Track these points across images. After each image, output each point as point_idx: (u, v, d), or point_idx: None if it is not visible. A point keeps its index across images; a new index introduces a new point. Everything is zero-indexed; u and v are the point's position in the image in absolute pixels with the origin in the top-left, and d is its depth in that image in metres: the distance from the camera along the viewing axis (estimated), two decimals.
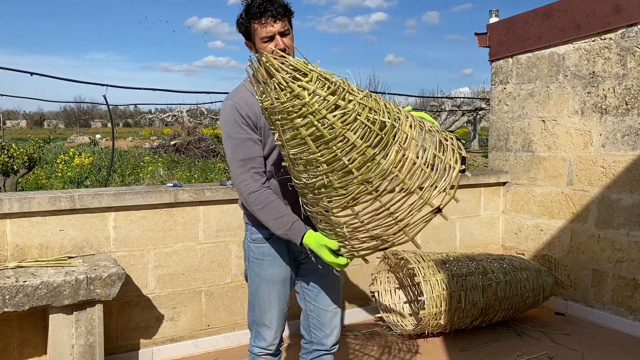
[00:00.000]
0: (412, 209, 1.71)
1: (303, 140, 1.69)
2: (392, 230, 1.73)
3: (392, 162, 1.67)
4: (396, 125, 1.71)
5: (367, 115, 1.68)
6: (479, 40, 4.83)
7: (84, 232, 3.13)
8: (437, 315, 3.47)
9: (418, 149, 1.71)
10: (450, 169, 1.72)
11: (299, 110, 1.66)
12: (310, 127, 1.66)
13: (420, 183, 1.69)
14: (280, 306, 2.24)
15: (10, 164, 7.84)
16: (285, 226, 2.02)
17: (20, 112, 61.86)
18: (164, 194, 3.30)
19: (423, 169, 1.69)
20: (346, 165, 1.68)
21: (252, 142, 2.06)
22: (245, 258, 2.29)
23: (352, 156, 1.67)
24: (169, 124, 29.77)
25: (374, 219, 1.74)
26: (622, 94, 3.78)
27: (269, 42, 2.03)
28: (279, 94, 1.68)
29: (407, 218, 1.71)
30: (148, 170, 11.72)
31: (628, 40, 3.72)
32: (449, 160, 1.74)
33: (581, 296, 4.12)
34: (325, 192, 1.76)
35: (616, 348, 3.53)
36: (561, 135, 4.19)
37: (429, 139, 1.76)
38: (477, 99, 19.39)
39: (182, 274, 3.41)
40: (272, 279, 2.20)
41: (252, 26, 2.04)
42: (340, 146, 1.66)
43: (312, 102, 1.64)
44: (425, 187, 1.69)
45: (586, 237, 4.06)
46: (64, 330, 2.70)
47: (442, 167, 1.72)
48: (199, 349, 3.47)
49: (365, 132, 1.67)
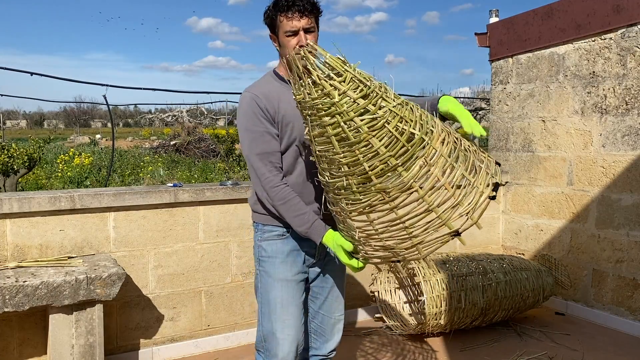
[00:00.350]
0: (429, 227, 1.65)
1: (328, 139, 1.68)
2: (405, 244, 1.69)
3: (413, 175, 1.63)
4: (425, 139, 1.66)
5: (396, 124, 1.64)
6: (479, 40, 4.83)
7: (84, 232, 3.13)
8: (437, 315, 3.47)
9: (446, 166, 1.64)
10: (478, 193, 1.65)
11: (327, 108, 1.65)
12: (336, 127, 1.65)
13: (441, 202, 1.63)
14: (296, 312, 2.11)
15: (10, 164, 7.84)
16: (306, 224, 1.99)
17: (20, 112, 61.84)
18: (164, 194, 3.30)
19: (447, 188, 1.63)
20: (366, 171, 1.65)
21: (270, 137, 2.02)
22: (256, 261, 2.20)
23: (373, 163, 1.64)
24: (169, 124, 29.76)
25: (388, 230, 1.70)
26: (622, 94, 3.78)
27: (292, 37, 1.99)
28: (311, 90, 1.67)
29: (422, 235, 1.66)
30: (148, 170, 11.71)
31: (628, 40, 3.71)
32: (478, 184, 1.66)
33: (581, 296, 4.12)
34: (344, 194, 1.74)
35: (616, 348, 3.53)
36: (561, 135, 4.18)
37: (462, 159, 1.69)
38: (477, 99, 19.39)
39: (182, 274, 3.41)
40: (286, 277, 2.11)
41: (277, 19, 2.00)
42: (363, 151, 1.64)
43: (341, 102, 1.63)
44: (446, 208, 1.62)
45: (586, 237, 4.06)
46: (64, 330, 2.69)
47: (469, 190, 1.65)
48: (199, 349, 3.47)
49: (392, 141, 1.63)
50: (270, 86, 2.07)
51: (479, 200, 1.63)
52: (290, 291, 2.11)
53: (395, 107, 1.66)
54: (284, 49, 2.02)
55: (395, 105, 1.67)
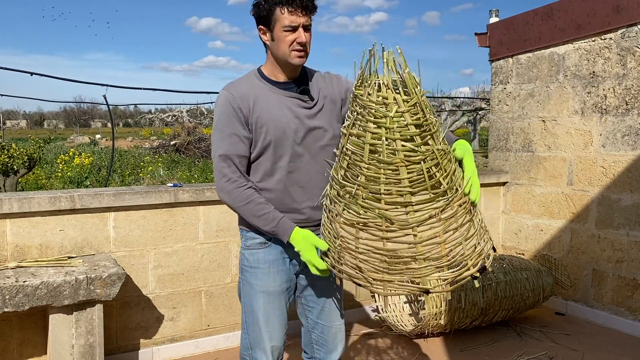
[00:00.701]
0: (406, 273, 1.63)
1: (363, 144, 1.62)
2: (376, 276, 1.66)
3: (419, 221, 1.60)
4: (448, 195, 1.63)
5: (431, 166, 1.60)
6: (479, 40, 4.83)
7: (84, 232, 3.13)
8: (437, 315, 3.47)
9: (451, 228, 1.63)
10: (465, 267, 1.64)
11: (379, 117, 1.58)
12: (376, 139, 1.60)
13: (429, 257, 1.61)
14: (279, 323, 2.05)
15: (10, 164, 7.84)
16: (272, 222, 1.91)
17: (20, 112, 61.86)
18: (164, 194, 3.30)
19: (442, 249, 1.61)
20: (380, 193, 1.62)
21: (238, 139, 1.95)
22: (240, 269, 2.12)
23: (391, 189, 1.61)
24: (169, 124, 29.76)
25: (368, 254, 1.67)
26: (622, 94, 3.78)
27: (291, 32, 1.90)
28: (373, 91, 1.60)
29: (395, 277, 1.64)
30: (148, 170, 11.71)
31: (628, 40, 3.71)
32: (469, 259, 1.65)
33: (581, 296, 4.12)
34: (347, 199, 1.71)
35: (616, 348, 3.53)
36: (561, 135, 4.18)
37: (467, 227, 1.67)
38: (477, 99, 19.39)
39: (182, 274, 3.41)
40: (268, 289, 2.02)
41: (276, 11, 1.89)
42: (388, 174, 1.60)
43: (394, 119, 1.57)
44: (431, 266, 1.61)
45: (586, 237, 4.06)
46: (64, 330, 2.69)
47: (459, 260, 1.63)
48: (199, 349, 3.47)
49: (419, 179, 1.60)
50: (250, 86, 1.99)
51: (463, 274, 1.63)
52: (273, 303, 2.03)
53: (439, 150, 1.62)
54: (277, 44, 1.92)
55: (439, 149, 1.62)
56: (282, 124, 1.95)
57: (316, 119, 2.01)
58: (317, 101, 2.02)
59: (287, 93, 2.00)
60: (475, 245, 1.67)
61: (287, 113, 1.97)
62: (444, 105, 17.26)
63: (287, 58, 1.93)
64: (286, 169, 1.98)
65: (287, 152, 1.97)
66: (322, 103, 2.03)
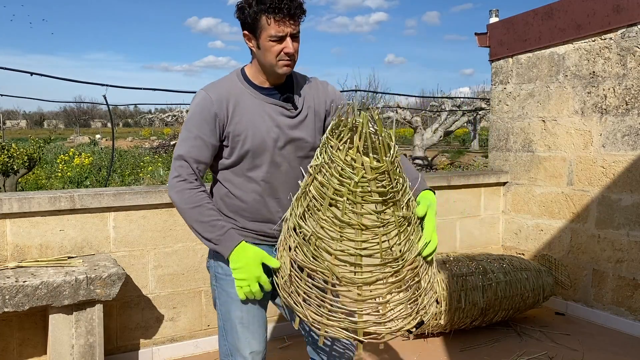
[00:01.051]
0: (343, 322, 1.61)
1: (324, 195, 1.58)
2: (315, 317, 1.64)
3: (365, 283, 1.57)
4: (399, 261, 1.59)
5: (387, 233, 1.57)
6: (479, 40, 4.83)
7: (84, 232, 3.13)
8: (437, 315, 3.47)
9: (395, 291, 1.60)
10: (402, 323, 1.62)
11: (343, 177, 1.54)
12: (337, 195, 1.56)
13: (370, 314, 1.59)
14: (258, 328, 1.97)
15: (10, 164, 7.84)
16: (219, 230, 1.80)
17: (20, 112, 61.88)
18: (164, 194, 3.30)
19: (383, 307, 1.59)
20: (333, 248, 1.58)
21: (203, 143, 1.85)
22: (212, 276, 2.02)
23: (343, 247, 1.57)
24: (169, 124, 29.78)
25: (312, 296, 1.64)
26: (622, 94, 3.78)
27: (278, 42, 1.79)
28: (343, 147, 1.55)
29: (333, 322, 1.62)
30: (148, 170, 11.71)
31: (628, 40, 3.72)
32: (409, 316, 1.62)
33: (581, 296, 4.12)
34: (300, 239, 1.66)
35: (616, 348, 3.53)
36: (561, 135, 4.18)
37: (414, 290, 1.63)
38: (477, 99, 19.38)
39: (182, 274, 3.41)
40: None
41: (262, 19, 1.77)
42: (343, 232, 1.57)
43: (358, 184, 1.53)
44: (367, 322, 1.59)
45: (586, 237, 4.06)
46: (64, 330, 2.69)
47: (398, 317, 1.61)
48: (199, 349, 3.47)
49: (374, 244, 1.57)
50: (231, 88, 1.89)
51: (399, 329, 1.62)
52: (252, 309, 1.95)
53: (399, 218, 1.58)
54: (263, 53, 1.83)
55: (399, 217, 1.58)
56: (261, 133, 1.87)
57: (298, 130, 1.92)
58: (301, 110, 1.93)
59: (270, 100, 1.90)
60: (418, 304, 1.64)
61: (267, 121, 1.88)
62: (444, 106, 17.25)
63: (274, 67, 1.84)
64: (263, 178, 1.91)
65: (265, 162, 1.90)
66: (306, 113, 1.94)
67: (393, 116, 18.62)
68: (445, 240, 4.45)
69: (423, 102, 27.76)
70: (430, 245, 1.65)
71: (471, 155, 19.44)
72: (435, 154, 18.88)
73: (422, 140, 15.74)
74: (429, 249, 1.65)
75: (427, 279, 1.68)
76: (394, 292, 1.60)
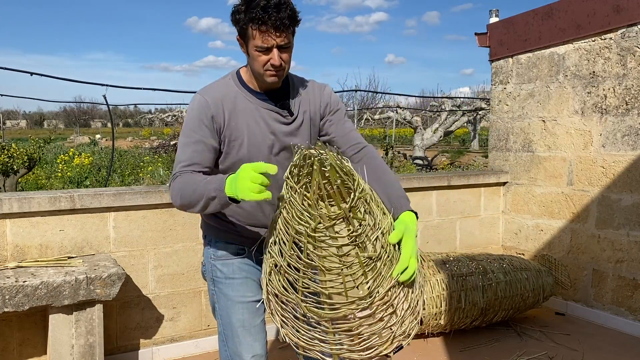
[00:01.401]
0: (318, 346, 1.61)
1: (288, 230, 1.56)
2: (291, 337, 1.65)
3: (332, 318, 1.56)
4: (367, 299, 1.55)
5: (352, 273, 1.53)
6: (479, 40, 4.83)
7: (83, 232, 3.13)
8: (437, 315, 3.47)
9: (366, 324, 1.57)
10: (380, 348, 1.60)
11: (302, 221, 1.52)
12: (298, 234, 1.53)
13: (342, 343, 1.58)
14: (260, 332, 1.97)
15: (10, 164, 7.84)
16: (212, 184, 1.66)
17: (20, 112, 61.88)
18: (164, 194, 3.30)
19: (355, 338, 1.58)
20: (297, 283, 1.57)
21: (204, 147, 1.81)
22: (209, 281, 1.99)
23: (308, 285, 1.55)
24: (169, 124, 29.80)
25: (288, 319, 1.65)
26: (622, 94, 3.78)
27: (264, 53, 1.76)
28: (299, 192, 1.52)
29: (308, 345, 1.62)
30: (148, 170, 11.71)
31: (628, 40, 3.71)
32: (384, 344, 1.60)
33: (581, 296, 4.12)
34: (271, 266, 1.65)
35: (616, 348, 3.53)
36: (561, 135, 4.18)
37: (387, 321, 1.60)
38: (477, 99, 19.39)
39: (182, 274, 3.41)
40: (247, 299, 1.94)
41: (249, 29, 1.74)
42: (308, 271, 1.55)
43: (316, 230, 1.50)
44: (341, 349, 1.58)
45: (586, 237, 4.06)
46: (63, 330, 2.69)
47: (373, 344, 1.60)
48: (199, 349, 3.46)
49: (339, 283, 1.54)
50: (227, 92, 1.85)
51: (376, 354, 1.60)
52: (252, 312, 1.94)
53: (364, 259, 1.54)
54: (251, 61, 1.81)
55: (364, 258, 1.53)
56: (257, 139, 1.84)
57: (293, 136, 1.90)
58: (297, 116, 1.90)
59: (265, 105, 1.87)
60: (394, 331, 1.61)
61: (263, 127, 1.85)
62: (444, 105, 17.26)
63: (262, 77, 1.82)
64: None
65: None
66: (302, 119, 1.92)
67: (393, 116, 18.62)
68: (445, 240, 4.45)
69: (423, 102, 27.77)
70: (407, 272, 1.60)
71: (471, 155, 19.44)
72: (435, 154, 18.88)
73: (422, 140, 15.74)
74: (406, 275, 1.59)
75: (404, 306, 1.63)
76: (365, 325, 1.57)
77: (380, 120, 23.36)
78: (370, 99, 26.27)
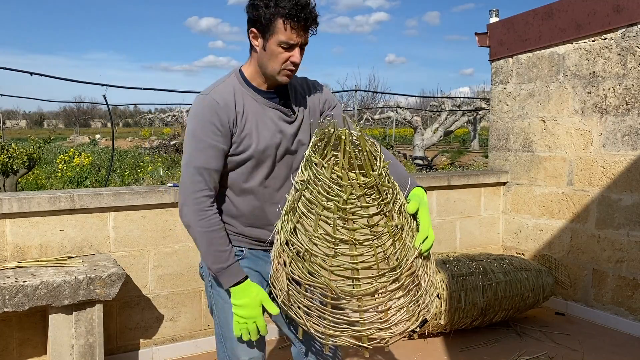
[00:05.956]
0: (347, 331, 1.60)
1: (313, 210, 1.54)
2: (318, 328, 1.62)
3: (364, 294, 1.55)
4: (397, 270, 1.56)
5: (382, 244, 1.54)
6: (479, 40, 4.83)
7: (83, 232, 3.13)
8: (437, 315, 3.47)
9: (395, 297, 1.58)
10: (406, 325, 1.61)
11: (331, 195, 1.50)
12: (327, 210, 1.51)
13: (372, 322, 1.58)
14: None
15: (10, 164, 7.84)
16: (225, 262, 1.79)
17: (20, 112, 61.87)
18: (164, 194, 3.29)
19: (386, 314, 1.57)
20: (327, 266, 1.55)
21: (217, 152, 1.78)
22: (207, 282, 1.99)
23: (338, 263, 1.54)
24: (168, 124, 29.80)
25: (312, 309, 1.63)
26: (622, 93, 3.78)
27: (287, 50, 1.74)
28: (328, 166, 1.50)
29: (336, 332, 1.60)
30: (148, 170, 11.71)
31: (628, 40, 3.71)
32: (412, 317, 1.62)
33: (581, 296, 4.12)
34: (293, 254, 1.63)
35: (616, 348, 3.53)
36: (561, 135, 4.18)
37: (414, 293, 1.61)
38: (477, 98, 19.39)
39: (182, 274, 3.41)
40: None
41: (275, 22, 1.70)
42: (338, 248, 1.54)
43: (347, 201, 1.48)
44: (371, 329, 1.58)
45: (586, 237, 4.06)
46: (63, 330, 2.69)
47: (401, 320, 1.60)
48: (199, 349, 3.46)
49: (370, 256, 1.54)
50: (233, 92, 1.82)
51: (403, 331, 1.61)
52: None
53: (392, 228, 1.55)
54: (268, 57, 1.77)
55: (392, 227, 1.55)
56: (266, 139, 1.83)
57: (298, 134, 1.90)
58: (297, 114, 1.90)
59: (270, 104, 1.86)
60: (420, 304, 1.63)
61: (271, 127, 1.84)
62: (444, 105, 17.26)
63: (275, 74, 1.79)
64: (264, 184, 1.87)
65: (266, 167, 1.86)
66: (302, 116, 1.91)
67: (393, 116, 18.62)
68: (445, 240, 4.45)
69: (423, 102, 27.77)
70: (427, 241, 1.63)
71: (471, 155, 19.44)
72: (435, 154, 18.87)
73: (422, 140, 15.74)
74: (427, 244, 1.62)
75: (426, 278, 1.66)
76: (394, 299, 1.59)
77: (380, 120, 23.37)
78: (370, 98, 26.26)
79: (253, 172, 1.85)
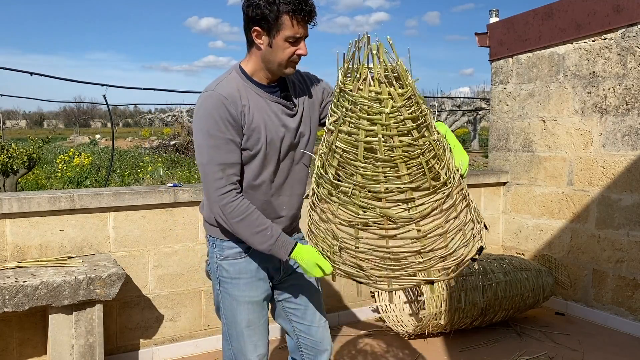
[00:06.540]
0: (411, 268, 1.59)
1: (357, 142, 1.53)
2: (380, 273, 1.62)
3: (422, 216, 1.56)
4: (447, 185, 1.58)
5: (429, 159, 1.54)
6: (479, 40, 4.83)
7: (83, 232, 3.13)
8: (437, 315, 3.47)
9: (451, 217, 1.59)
10: (466, 251, 1.62)
11: (373, 114, 1.49)
12: (371, 136, 1.51)
13: (433, 248, 1.58)
14: (263, 331, 2.00)
15: (10, 164, 7.84)
16: (269, 240, 1.80)
17: (20, 112, 61.88)
18: (164, 194, 3.29)
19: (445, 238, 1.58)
20: (381, 192, 1.55)
21: (235, 146, 1.81)
22: (214, 280, 2.00)
23: (391, 187, 1.54)
24: (168, 124, 29.79)
25: (370, 253, 1.62)
26: (622, 94, 3.78)
27: (294, 44, 1.78)
28: (364, 86, 1.50)
29: (400, 272, 1.60)
30: (148, 170, 11.71)
31: (628, 40, 3.71)
32: (469, 243, 1.63)
33: (581, 296, 4.12)
34: (341, 199, 1.62)
35: (616, 348, 3.53)
36: (561, 135, 4.18)
37: (465, 214, 1.64)
38: (477, 99, 19.41)
39: (182, 274, 3.41)
40: (252, 299, 1.95)
41: (282, 18, 1.74)
42: (387, 171, 1.53)
43: (390, 115, 1.48)
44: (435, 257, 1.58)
45: (586, 237, 4.06)
46: (63, 330, 2.69)
47: (461, 245, 1.62)
48: (199, 349, 3.46)
49: (419, 173, 1.54)
50: (238, 88, 1.84)
51: (464, 259, 1.62)
52: (257, 312, 1.97)
53: (434, 141, 1.56)
54: (275, 52, 1.80)
55: (434, 140, 1.56)
56: (271, 133, 1.86)
57: (300, 127, 1.93)
58: (298, 106, 1.93)
59: (273, 98, 1.89)
60: (473, 228, 1.66)
61: (275, 120, 1.87)
62: (444, 106, 17.27)
63: (281, 68, 1.83)
64: (271, 177, 1.90)
65: (273, 161, 1.89)
66: (302, 108, 1.94)
67: None
68: None
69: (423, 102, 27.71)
70: (464, 162, 1.68)
71: (471, 155, 19.44)
72: None
73: None
74: (465, 165, 1.67)
75: (471, 199, 1.70)
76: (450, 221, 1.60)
77: None
78: None
79: (261, 167, 1.88)
